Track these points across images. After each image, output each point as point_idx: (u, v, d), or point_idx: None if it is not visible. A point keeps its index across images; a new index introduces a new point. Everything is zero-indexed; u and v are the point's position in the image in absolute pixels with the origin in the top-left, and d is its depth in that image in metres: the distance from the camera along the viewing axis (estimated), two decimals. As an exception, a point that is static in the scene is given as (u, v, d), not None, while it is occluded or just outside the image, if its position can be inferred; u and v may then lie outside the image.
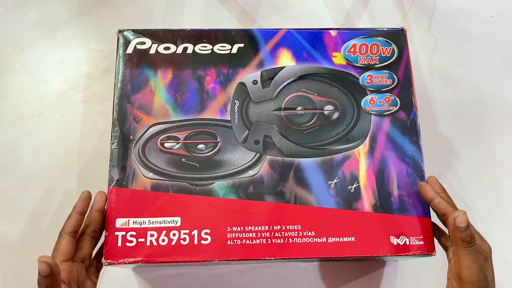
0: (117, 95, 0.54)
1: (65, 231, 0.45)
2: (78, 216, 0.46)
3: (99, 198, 0.49)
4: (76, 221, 0.46)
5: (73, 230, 0.45)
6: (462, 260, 0.42)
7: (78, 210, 0.46)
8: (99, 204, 0.48)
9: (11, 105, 0.68)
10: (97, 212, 0.48)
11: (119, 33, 0.57)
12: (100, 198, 0.49)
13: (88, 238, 0.47)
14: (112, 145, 0.52)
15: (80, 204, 0.47)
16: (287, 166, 0.53)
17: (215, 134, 0.54)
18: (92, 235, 0.47)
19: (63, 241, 0.45)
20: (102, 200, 0.49)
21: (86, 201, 0.47)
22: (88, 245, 0.47)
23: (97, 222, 0.48)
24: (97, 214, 0.48)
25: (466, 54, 0.73)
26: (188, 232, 0.50)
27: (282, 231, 0.50)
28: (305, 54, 0.57)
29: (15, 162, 0.65)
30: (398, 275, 0.61)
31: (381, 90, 0.56)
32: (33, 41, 0.72)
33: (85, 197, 0.47)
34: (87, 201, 0.47)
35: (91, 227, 0.47)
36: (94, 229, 0.48)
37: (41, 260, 0.37)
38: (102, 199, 0.49)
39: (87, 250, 0.47)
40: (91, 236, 0.47)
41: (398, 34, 0.58)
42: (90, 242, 0.47)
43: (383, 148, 0.54)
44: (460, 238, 0.42)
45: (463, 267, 0.42)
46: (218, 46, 0.57)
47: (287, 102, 0.55)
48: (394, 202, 0.52)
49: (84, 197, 0.47)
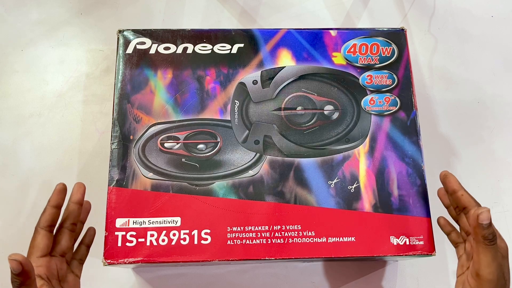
0: (117, 95, 0.54)
1: (40, 226, 0.43)
2: (53, 210, 0.44)
3: (76, 190, 0.47)
4: (51, 215, 0.44)
5: (48, 224, 0.43)
6: (482, 258, 0.41)
7: (53, 204, 0.44)
8: (76, 196, 0.46)
9: (11, 105, 0.68)
10: (75, 204, 0.46)
11: (119, 33, 0.57)
12: (78, 190, 0.47)
13: (66, 232, 0.45)
14: (112, 145, 0.52)
15: (55, 197, 0.44)
16: (287, 166, 0.53)
17: (215, 134, 0.54)
18: (71, 228, 0.46)
19: (39, 236, 0.43)
20: (80, 192, 0.47)
21: (61, 194, 0.45)
22: (66, 238, 0.45)
23: (75, 214, 0.46)
24: (75, 207, 0.46)
25: (466, 54, 0.73)
26: (188, 232, 0.50)
27: (282, 231, 0.50)
28: (305, 54, 0.57)
29: (15, 162, 0.65)
30: (398, 275, 0.61)
31: (381, 90, 0.56)
32: (33, 41, 0.72)
33: (60, 189, 0.45)
34: (63, 194, 0.45)
35: (69, 220, 0.46)
36: (73, 222, 0.46)
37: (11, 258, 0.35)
38: (79, 191, 0.47)
39: (66, 244, 0.45)
40: (70, 229, 0.46)
41: (398, 34, 0.58)
42: (69, 235, 0.46)
43: (383, 148, 0.54)
44: (482, 236, 0.40)
45: (483, 265, 0.41)
46: (218, 46, 0.57)
47: (287, 102, 0.55)
48: (394, 202, 0.52)
49: (58, 189, 0.45)
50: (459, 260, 0.47)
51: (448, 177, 0.48)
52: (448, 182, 0.47)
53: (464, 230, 0.47)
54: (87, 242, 0.49)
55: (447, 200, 0.50)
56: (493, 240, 0.40)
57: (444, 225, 0.51)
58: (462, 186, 0.47)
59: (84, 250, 0.49)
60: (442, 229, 0.51)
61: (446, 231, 0.50)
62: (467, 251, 0.46)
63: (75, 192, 0.47)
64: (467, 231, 0.47)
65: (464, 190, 0.46)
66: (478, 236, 0.41)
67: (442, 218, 0.51)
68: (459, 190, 0.46)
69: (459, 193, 0.46)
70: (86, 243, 0.49)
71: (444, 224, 0.51)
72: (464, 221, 0.47)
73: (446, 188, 0.48)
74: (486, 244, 0.40)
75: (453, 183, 0.47)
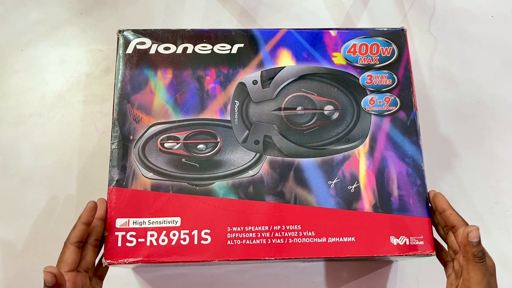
0: (117, 95, 0.54)
1: (70, 241, 0.45)
2: (84, 227, 0.45)
3: (99, 206, 0.48)
4: (81, 231, 0.45)
5: (78, 240, 0.45)
6: (473, 275, 0.42)
7: (84, 221, 0.46)
8: (100, 212, 0.48)
9: (11, 105, 0.68)
10: (99, 221, 0.48)
11: (119, 33, 0.57)
12: (101, 206, 0.48)
13: (91, 248, 0.47)
14: (112, 145, 0.52)
15: (86, 214, 0.46)
16: (287, 166, 0.53)
17: (215, 134, 0.54)
18: (95, 244, 0.47)
19: (68, 251, 0.44)
20: (103, 209, 0.48)
21: (92, 212, 0.47)
22: (91, 254, 0.47)
23: (99, 231, 0.47)
24: (99, 223, 0.48)
25: (466, 54, 0.73)
26: (188, 232, 0.50)
27: (282, 231, 0.50)
28: (305, 54, 0.57)
29: (15, 162, 0.65)
30: (398, 275, 0.61)
31: (381, 90, 0.56)
32: (33, 41, 0.72)
33: (91, 207, 0.47)
34: (93, 211, 0.47)
35: (93, 236, 0.47)
36: (96, 238, 0.47)
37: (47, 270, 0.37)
38: (102, 207, 0.48)
39: (90, 259, 0.46)
40: (94, 245, 0.47)
41: (398, 34, 0.58)
42: (93, 251, 0.47)
43: (383, 148, 0.54)
44: (472, 254, 0.42)
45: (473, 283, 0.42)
46: (218, 46, 0.57)
47: (287, 102, 0.55)
48: (394, 202, 0.52)
49: (90, 207, 0.47)
50: (448, 279, 0.48)
51: (437, 196, 0.49)
52: (438, 201, 0.49)
53: (452, 249, 0.48)
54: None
55: (435, 219, 0.51)
56: (482, 258, 0.42)
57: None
58: (451, 206, 0.48)
59: (104, 267, 0.49)
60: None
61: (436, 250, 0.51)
62: (456, 269, 0.47)
63: (98, 209, 0.48)
64: (455, 250, 0.47)
65: (453, 209, 0.48)
66: (468, 254, 0.42)
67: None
68: (448, 209, 0.48)
69: (448, 212, 0.47)
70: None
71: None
72: (452, 240, 0.48)
73: (435, 207, 0.49)
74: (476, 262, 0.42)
75: (442, 202, 0.48)
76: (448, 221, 0.47)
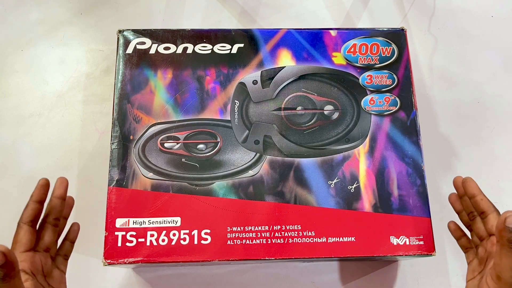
0: (117, 95, 0.54)
1: (23, 221, 0.43)
2: (36, 205, 0.43)
3: (59, 184, 0.46)
4: (33, 210, 0.43)
5: (30, 219, 0.43)
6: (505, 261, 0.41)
7: (35, 199, 0.43)
8: (59, 191, 0.46)
9: (11, 105, 0.68)
10: (57, 199, 0.46)
11: (119, 33, 0.57)
12: (60, 185, 0.46)
13: (49, 227, 0.45)
14: (112, 145, 0.52)
15: (37, 192, 0.44)
16: (287, 166, 0.53)
17: (215, 134, 0.54)
18: (54, 223, 0.45)
19: (22, 231, 0.43)
20: (62, 187, 0.46)
21: (44, 189, 0.44)
22: (49, 233, 0.45)
23: (57, 209, 0.46)
24: (57, 201, 0.46)
25: (466, 54, 0.73)
26: (188, 232, 0.50)
27: (282, 231, 0.50)
28: (305, 54, 0.57)
29: (15, 162, 0.65)
30: (398, 275, 0.61)
31: (381, 90, 0.56)
32: (33, 41, 0.72)
33: (42, 184, 0.44)
34: (45, 189, 0.44)
35: (52, 215, 0.45)
36: (55, 217, 0.46)
37: None
38: (62, 186, 0.46)
39: (49, 239, 0.45)
40: (52, 224, 0.45)
41: (398, 34, 0.58)
42: (52, 230, 0.45)
43: (383, 148, 0.54)
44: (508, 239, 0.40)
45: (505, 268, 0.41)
46: (218, 46, 0.57)
47: (287, 102, 0.55)
48: (394, 202, 0.52)
49: (41, 184, 0.44)
50: (469, 265, 0.47)
51: (468, 181, 0.48)
52: (468, 186, 0.48)
53: (478, 235, 0.47)
54: (71, 238, 0.49)
55: (459, 206, 0.50)
56: None
57: (455, 229, 0.51)
58: (481, 191, 0.47)
59: (68, 246, 0.48)
60: (452, 233, 0.51)
61: (457, 235, 0.50)
62: (480, 256, 0.46)
63: (57, 187, 0.46)
64: (480, 236, 0.47)
65: (484, 195, 0.47)
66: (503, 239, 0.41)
67: (453, 223, 0.51)
68: (479, 194, 0.47)
69: (479, 197, 0.47)
70: (70, 238, 0.49)
71: (455, 228, 0.51)
72: (479, 226, 0.47)
73: (465, 192, 0.48)
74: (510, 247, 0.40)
75: (473, 187, 0.47)
76: (478, 207, 0.46)
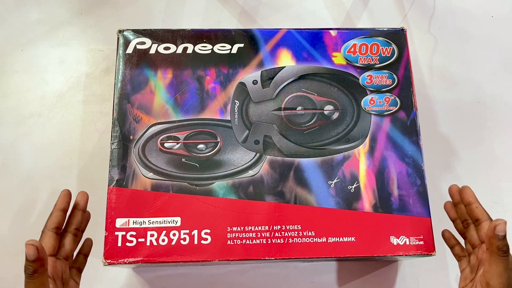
0: (117, 95, 0.54)
1: (48, 228, 0.45)
2: (60, 213, 0.46)
3: (80, 198, 0.49)
4: (57, 217, 0.45)
5: (55, 226, 0.45)
6: (495, 268, 0.42)
7: (60, 207, 0.46)
8: (80, 203, 0.48)
9: (11, 105, 0.68)
10: (79, 211, 0.48)
11: (119, 33, 0.57)
12: (82, 198, 0.49)
13: (70, 236, 0.47)
14: (112, 145, 0.52)
15: (61, 201, 0.46)
16: (287, 166, 0.53)
17: (215, 134, 0.54)
18: (74, 233, 0.47)
19: (46, 237, 0.44)
20: (84, 200, 0.49)
21: (67, 198, 0.47)
22: (70, 242, 0.47)
23: (79, 220, 0.48)
24: (79, 213, 0.48)
25: (466, 54, 0.73)
26: (188, 232, 0.50)
27: (282, 231, 0.50)
28: (305, 54, 0.57)
29: (15, 162, 0.65)
30: (398, 275, 0.61)
31: (381, 90, 0.56)
32: (33, 41, 0.72)
33: (66, 194, 0.47)
34: (68, 198, 0.47)
35: (73, 225, 0.47)
36: (76, 227, 0.48)
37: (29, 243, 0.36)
38: (83, 199, 0.49)
39: (70, 247, 0.47)
40: (73, 234, 0.47)
41: (398, 34, 0.58)
42: (73, 240, 0.47)
43: (383, 148, 0.54)
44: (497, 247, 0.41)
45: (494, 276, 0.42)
46: (218, 46, 0.57)
47: (287, 102, 0.55)
48: (394, 202, 0.52)
49: (64, 194, 0.47)
50: (462, 273, 0.48)
51: (465, 189, 0.49)
52: (465, 193, 0.48)
53: (471, 243, 0.48)
54: (85, 252, 0.50)
55: (454, 214, 0.50)
56: (506, 252, 0.42)
57: (448, 238, 0.51)
58: (477, 199, 0.48)
59: (82, 259, 0.49)
60: (446, 242, 0.51)
61: (451, 244, 0.51)
62: (472, 264, 0.47)
63: (79, 200, 0.49)
64: (473, 244, 0.47)
65: (479, 203, 0.47)
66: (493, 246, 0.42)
67: (447, 231, 0.51)
68: (474, 202, 0.47)
69: (474, 205, 0.47)
70: (84, 252, 0.50)
71: (449, 237, 0.51)
72: (472, 234, 0.47)
73: (462, 199, 0.49)
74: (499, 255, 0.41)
75: (469, 195, 0.48)
76: (473, 214, 0.47)
